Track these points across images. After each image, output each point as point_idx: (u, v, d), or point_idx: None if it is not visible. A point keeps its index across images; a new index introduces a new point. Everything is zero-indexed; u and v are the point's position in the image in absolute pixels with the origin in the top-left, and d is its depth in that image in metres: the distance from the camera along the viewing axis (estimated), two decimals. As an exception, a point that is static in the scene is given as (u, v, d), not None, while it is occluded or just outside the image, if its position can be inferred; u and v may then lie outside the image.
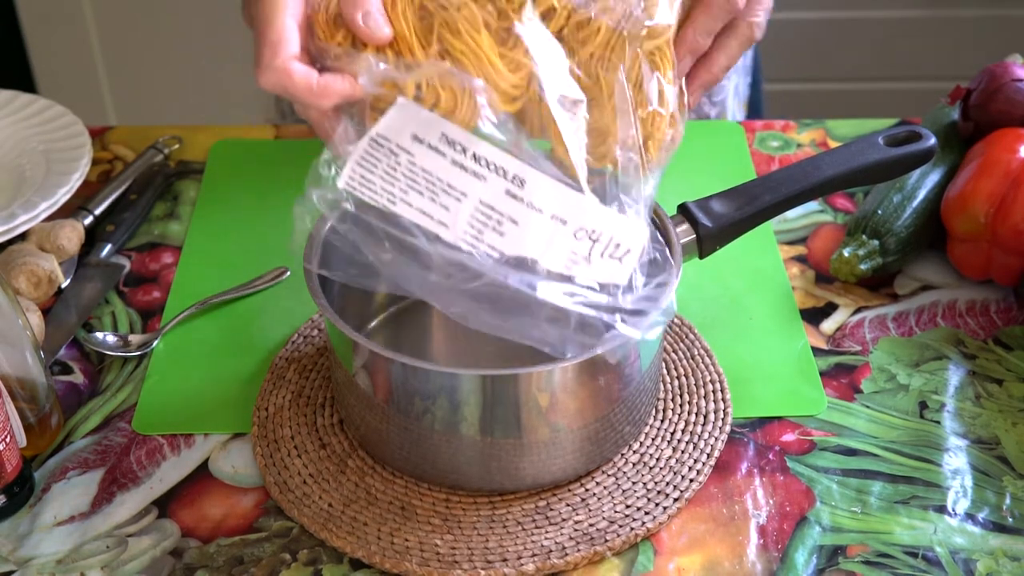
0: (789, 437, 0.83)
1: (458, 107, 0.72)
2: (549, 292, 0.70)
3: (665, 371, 0.86)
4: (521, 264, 0.71)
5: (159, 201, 1.05)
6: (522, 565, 0.74)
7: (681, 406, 0.84)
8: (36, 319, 0.88)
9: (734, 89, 1.25)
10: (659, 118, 0.74)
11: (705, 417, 0.83)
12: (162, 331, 0.91)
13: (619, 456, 0.81)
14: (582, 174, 0.72)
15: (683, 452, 0.81)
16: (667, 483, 0.79)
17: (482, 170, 0.71)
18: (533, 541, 0.75)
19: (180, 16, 2.07)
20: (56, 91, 2.12)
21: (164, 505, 0.79)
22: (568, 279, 0.72)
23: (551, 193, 0.72)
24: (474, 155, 0.71)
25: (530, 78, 0.72)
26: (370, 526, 0.76)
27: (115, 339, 0.91)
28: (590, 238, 0.72)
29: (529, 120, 0.74)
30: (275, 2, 0.71)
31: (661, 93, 0.74)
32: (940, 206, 0.95)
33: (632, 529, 0.76)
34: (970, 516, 0.78)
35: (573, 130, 0.72)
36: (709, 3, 0.77)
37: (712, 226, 0.82)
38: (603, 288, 0.72)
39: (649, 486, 0.79)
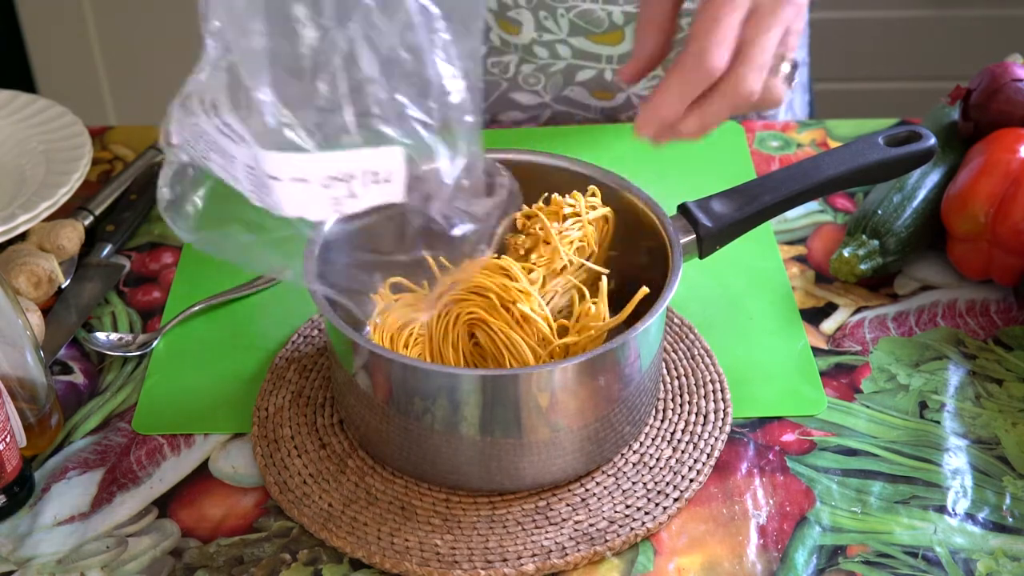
0: (789, 437, 0.83)
1: None
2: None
3: (665, 371, 0.86)
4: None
5: (159, 201, 1.05)
6: (522, 565, 0.74)
7: (681, 406, 0.84)
8: (36, 319, 0.88)
9: (787, 105, 1.20)
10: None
11: (705, 417, 0.83)
12: (162, 331, 0.91)
13: (619, 456, 0.81)
14: None
15: (683, 452, 0.81)
16: (667, 483, 0.79)
17: (236, 136, 0.71)
18: (533, 541, 0.75)
19: (180, 16, 2.07)
20: (56, 91, 2.12)
21: (164, 505, 0.79)
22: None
23: (280, 161, 0.71)
24: (226, 123, 0.71)
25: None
26: (370, 526, 0.76)
27: (115, 339, 0.91)
28: (342, 180, 0.71)
29: None
30: None
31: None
32: (940, 206, 0.95)
33: (632, 529, 0.76)
34: (970, 516, 0.78)
35: None
36: (681, 65, 0.73)
37: (712, 226, 0.82)
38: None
39: (649, 486, 0.79)
